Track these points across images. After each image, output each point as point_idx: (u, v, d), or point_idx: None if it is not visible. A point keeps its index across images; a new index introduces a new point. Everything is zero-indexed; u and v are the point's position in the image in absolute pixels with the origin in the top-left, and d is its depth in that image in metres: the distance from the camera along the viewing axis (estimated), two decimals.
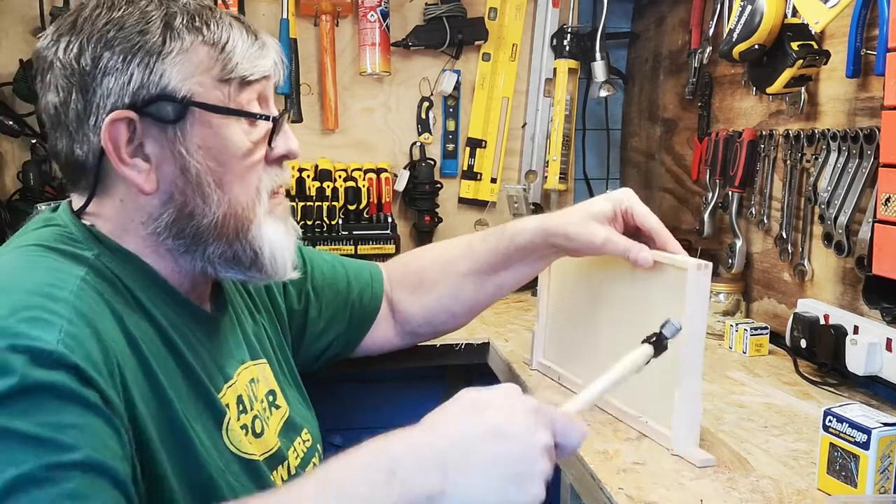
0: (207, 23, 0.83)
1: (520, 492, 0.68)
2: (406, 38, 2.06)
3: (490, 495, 0.68)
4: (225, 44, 0.83)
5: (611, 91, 2.12)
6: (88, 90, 0.81)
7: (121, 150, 0.81)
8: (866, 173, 1.23)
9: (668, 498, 0.90)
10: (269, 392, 1.00)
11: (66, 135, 0.84)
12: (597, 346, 1.17)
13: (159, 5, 0.83)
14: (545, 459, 0.70)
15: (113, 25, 0.81)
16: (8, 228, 1.88)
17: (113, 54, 0.80)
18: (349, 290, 1.21)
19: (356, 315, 1.21)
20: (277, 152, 0.90)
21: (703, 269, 0.97)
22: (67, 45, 0.81)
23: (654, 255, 1.04)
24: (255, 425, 0.93)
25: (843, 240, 1.27)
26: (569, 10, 2.11)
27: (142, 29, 0.81)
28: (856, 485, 0.88)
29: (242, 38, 0.85)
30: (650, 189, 2.15)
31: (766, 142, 1.52)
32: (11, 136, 1.96)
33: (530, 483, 0.68)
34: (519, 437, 0.69)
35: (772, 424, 1.12)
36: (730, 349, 1.48)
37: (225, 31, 0.84)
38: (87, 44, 0.80)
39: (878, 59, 1.16)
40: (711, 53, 1.76)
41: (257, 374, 0.99)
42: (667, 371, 1.00)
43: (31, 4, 1.93)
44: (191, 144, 0.83)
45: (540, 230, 1.11)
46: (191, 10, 0.84)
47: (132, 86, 0.80)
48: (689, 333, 0.97)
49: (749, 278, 1.61)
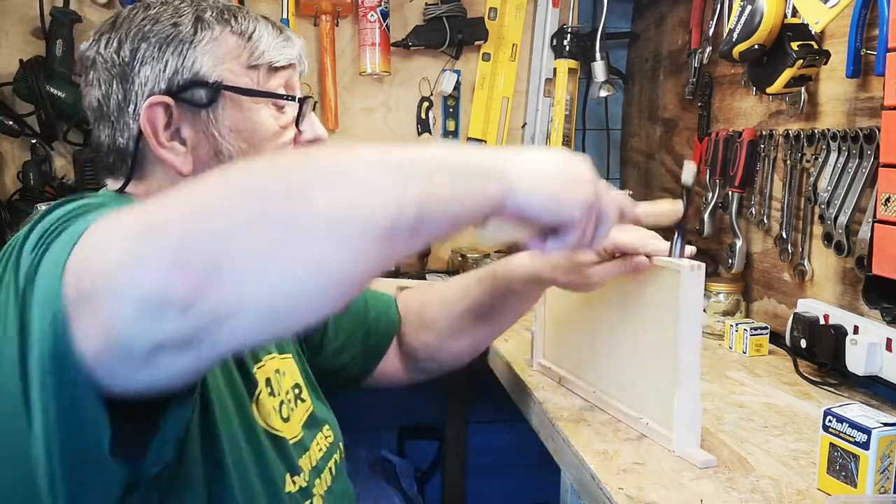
0: (235, 16, 0.90)
1: (576, 184, 0.77)
2: (406, 38, 2.06)
3: (552, 177, 0.75)
4: (252, 33, 0.90)
5: (611, 91, 2.12)
6: (127, 80, 0.87)
7: (159, 134, 0.87)
8: (866, 173, 1.23)
9: (668, 498, 0.90)
10: (295, 385, 1.02)
11: (108, 125, 0.90)
12: (595, 347, 1.17)
13: (191, 3, 0.90)
14: (591, 186, 0.78)
15: (149, 20, 0.88)
16: (8, 228, 1.88)
17: (149, 45, 0.87)
18: (367, 311, 1.22)
19: (372, 338, 1.22)
20: (305, 137, 0.95)
21: (696, 269, 0.97)
22: (108, 42, 0.88)
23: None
24: (283, 410, 0.96)
25: (843, 240, 1.27)
26: (569, 10, 2.11)
27: (175, 21, 0.87)
28: (856, 485, 0.88)
29: (268, 30, 0.91)
30: (650, 189, 2.15)
31: (766, 142, 1.52)
32: (11, 136, 1.96)
33: (585, 184, 0.78)
34: (572, 157, 0.79)
35: (772, 424, 1.12)
36: (730, 349, 1.48)
37: (251, 23, 0.91)
38: (126, 38, 0.87)
39: (878, 59, 1.16)
40: (711, 53, 1.76)
41: (283, 366, 1.01)
42: (666, 372, 1.00)
43: (31, 4, 1.94)
44: (223, 127, 0.88)
45: (534, 278, 1.12)
46: (219, 6, 0.91)
47: (167, 72, 0.86)
48: (685, 334, 0.97)
49: (749, 278, 1.61)
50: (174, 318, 0.55)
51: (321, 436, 1.03)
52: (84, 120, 1.93)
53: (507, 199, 0.71)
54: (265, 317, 0.57)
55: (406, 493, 2.10)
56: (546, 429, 1.15)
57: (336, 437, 1.07)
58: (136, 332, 0.56)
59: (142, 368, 0.58)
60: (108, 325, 0.57)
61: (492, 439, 2.28)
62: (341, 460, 1.07)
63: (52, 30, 1.91)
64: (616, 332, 1.12)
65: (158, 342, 0.56)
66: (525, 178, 0.72)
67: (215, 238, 0.55)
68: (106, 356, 0.59)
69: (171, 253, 0.54)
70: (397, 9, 2.07)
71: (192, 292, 0.54)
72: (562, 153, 0.79)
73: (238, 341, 0.59)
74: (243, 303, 0.55)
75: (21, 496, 0.68)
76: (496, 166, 0.71)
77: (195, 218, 0.56)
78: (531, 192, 0.72)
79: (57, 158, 2.02)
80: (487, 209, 0.70)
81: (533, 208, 0.73)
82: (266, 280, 0.55)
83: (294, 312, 0.58)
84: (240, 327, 0.56)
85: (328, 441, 1.04)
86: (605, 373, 1.15)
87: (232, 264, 0.54)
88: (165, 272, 0.54)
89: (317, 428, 1.03)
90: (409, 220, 0.60)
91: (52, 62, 1.91)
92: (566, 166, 0.77)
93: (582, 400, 1.19)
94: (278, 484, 0.90)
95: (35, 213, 0.81)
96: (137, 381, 0.60)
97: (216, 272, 0.54)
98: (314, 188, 0.57)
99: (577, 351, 1.22)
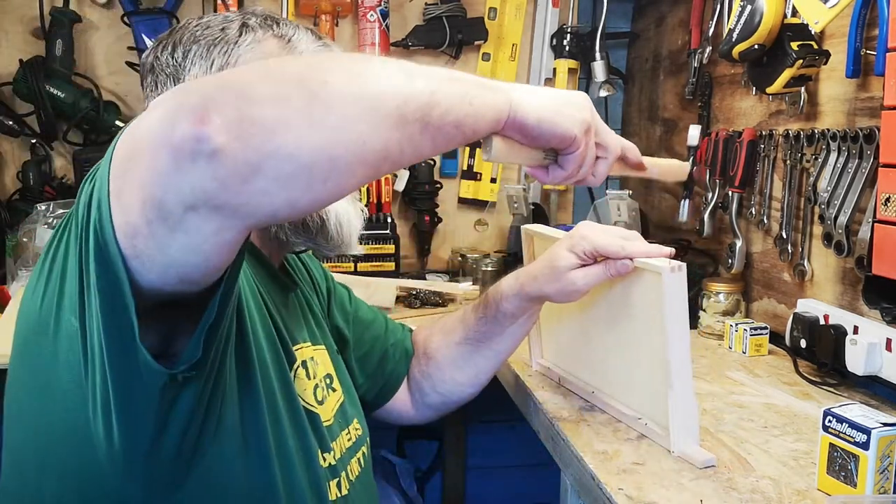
0: (277, 22, 0.97)
1: (575, 107, 0.82)
2: (406, 37, 2.06)
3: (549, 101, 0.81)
4: (291, 37, 0.96)
5: (611, 91, 2.12)
6: (180, 79, 0.94)
7: None
8: (866, 173, 1.23)
9: (668, 498, 0.90)
10: (327, 375, 1.05)
11: None
12: (591, 348, 1.17)
13: (239, 13, 0.99)
14: (588, 111, 0.83)
15: (201, 27, 0.96)
16: (8, 228, 1.88)
17: (199, 47, 0.94)
18: (386, 337, 1.25)
19: (389, 363, 1.23)
20: None
21: (677, 270, 0.97)
22: (164, 48, 0.96)
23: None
24: (317, 393, 0.99)
25: (843, 240, 1.27)
26: (569, 9, 2.11)
27: (223, 27, 0.95)
28: (855, 485, 0.88)
29: (308, 36, 0.97)
30: (650, 189, 2.15)
31: (766, 142, 1.52)
32: (11, 136, 1.96)
33: (581, 108, 0.83)
34: (571, 91, 0.85)
35: (772, 424, 1.12)
36: (729, 349, 1.48)
37: (292, 29, 0.97)
38: (179, 42, 0.95)
39: (878, 59, 1.16)
40: (711, 53, 1.76)
41: (316, 356, 1.04)
42: (659, 372, 1.00)
43: (31, 4, 1.94)
44: None
45: (522, 295, 1.13)
46: (264, 14, 0.99)
47: (213, 69, 0.93)
48: (672, 334, 0.97)
49: (749, 278, 1.61)
50: (204, 167, 0.59)
51: (351, 427, 1.05)
52: (84, 120, 1.94)
53: (511, 111, 0.77)
54: (287, 179, 0.60)
55: (406, 493, 2.10)
56: (546, 429, 1.15)
57: (364, 431, 1.09)
58: (170, 184, 0.60)
59: (176, 230, 0.62)
60: (143, 180, 0.62)
61: (492, 439, 2.28)
62: (369, 455, 1.08)
63: (52, 30, 1.92)
64: (609, 334, 1.12)
65: (190, 199, 0.60)
66: (526, 96, 0.79)
67: (244, 99, 0.60)
68: (143, 223, 0.63)
69: (204, 106, 0.59)
70: (397, 9, 2.07)
71: (220, 140, 0.58)
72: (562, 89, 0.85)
73: (262, 206, 0.62)
74: (266, 160, 0.59)
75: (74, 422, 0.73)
76: (501, 85, 0.78)
77: (226, 84, 0.62)
78: (531, 108, 0.78)
79: (57, 158, 2.02)
80: (492, 118, 0.75)
81: (532, 121, 0.78)
82: (289, 139, 0.60)
83: (313, 179, 0.62)
84: (263, 189, 0.60)
85: (356, 434, 1.06)
86: (602, 373, 1.15)
87: (257, 121, 0.59)
88: (197, 121, 0.58)
89: (346, 420, 1.05)
90: (419, 106, 0.66)
91: (51, 62, 1.91)
92: (566, 95, 0.84)
93: (582, 400, 1.19)
94: (313, 454, 0.92)
95: (33, 214, 0.82)
96: (172, 252, 0.64)
97: (242, 126, 0.59)
98: (331, 70, 0.64)
99: (575, 351, 1.22)
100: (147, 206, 0.62)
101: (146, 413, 0.72)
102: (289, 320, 1.00)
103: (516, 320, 1.16)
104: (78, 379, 0.72)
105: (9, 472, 0.82)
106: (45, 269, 0.77)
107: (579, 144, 0.82)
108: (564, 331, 1.24)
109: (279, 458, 0.86)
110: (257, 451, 0.84)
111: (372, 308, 1.29)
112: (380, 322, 1.26)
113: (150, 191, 0.61)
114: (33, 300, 0.77)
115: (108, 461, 0.73)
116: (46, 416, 0.76)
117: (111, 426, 0.71)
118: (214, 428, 0.79)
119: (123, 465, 0.73)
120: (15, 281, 1.71)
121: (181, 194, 0.60)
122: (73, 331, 0.72)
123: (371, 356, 1.22)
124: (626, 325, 1.08)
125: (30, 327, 0.78)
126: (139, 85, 1.26)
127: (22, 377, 0.79)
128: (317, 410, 0.97)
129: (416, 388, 1.24)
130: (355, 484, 1.00)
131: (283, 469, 0.86)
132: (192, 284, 0.68)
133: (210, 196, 0.60)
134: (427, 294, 1.81)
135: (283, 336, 0.97)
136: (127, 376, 0.70)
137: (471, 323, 1.19)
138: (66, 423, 0.74)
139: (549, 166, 0.85)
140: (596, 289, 1.08)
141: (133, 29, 1.94)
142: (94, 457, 0.73)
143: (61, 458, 0.75)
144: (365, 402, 1.18)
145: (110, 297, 0.67)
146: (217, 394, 0.79)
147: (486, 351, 1.19)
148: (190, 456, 0.77)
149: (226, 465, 0.80)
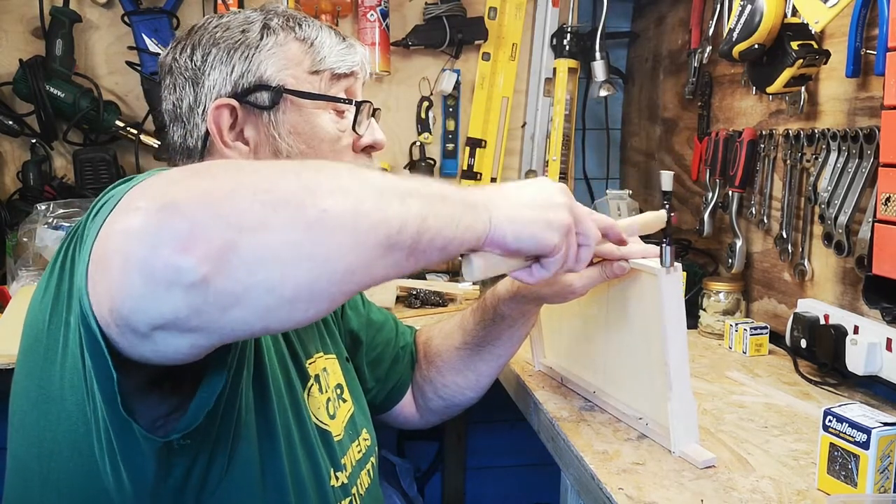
0: (300, 24, 0.95)
1: (550, 209, 0.80)
2: (406, 37, 2.06)
3: (528, 208, 0.79)
4: (314, 40, 0.94)
5: (611, 91, 2.12)
6: (199, 83, 0.93)
7: (223, 134, 0.92)
8: (866, 173, 1.23)
9: (668, 498, 0.90)
10: (338, 385, 1.05)
11: (180, 127, 0.96)
12: (591, 348, 1.17)
13: (261, 11, 0.96)
14: (566, 210, 0.81)
15: (220, 28, 0.94)
16: (8, 228, 1.88)
17: (219, 50, 0.93)
18: (397, 340, 1.24)
19: (399, 368, 1.23)
20: (364, 141, 0.99)
21: (672, 271, 0.97)
22: (183, 49, 0.95)
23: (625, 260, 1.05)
24: (329, 407, 0.99)
25: (843, 240, 1.27)
26: (569, 9, 2.11)
27: (244, 28, 0.93)
28: (856, 484, 0.88)
29: (331, 38, 0.96)
30: (650, 189, 2.15)
31: (766, 141, 1.52)
32: (11, 136, 1.96)
33: (559, 209, 0.81)
34: (547, 186, 0.83)
35: (772, 424, 1.12)
36: (730, 349, 1.48)
37: (315, 30, 0.95)
38: (198, 44, 0.94)
39: (878, 58, 1.16)
40: (711, 53, 1.76)
41: (328, 365, 1.04)
42: (657, 372, 1.00)
43: (31, 4, 1.94)
44: (283, 129, 0.93)
45: (519, 298, 1.12)
46: (287, 14, 0.96)
47: (234, 76, 0.92)
48: (670, 334, 0.97)
49: (749, 278, 1.61)
50: (179, 296, 0.55)
51: (361, 438, 1.05)
52: (83, 120, 1.94)
53: (491, 230, 0.75)
54: (266, 311, 0.58)
55: (406, 493, 2.10)
56: (546, 429, 1.15)
57: (373, 440, 1.08)
58: (138, 308, 0.57)
59: (143, 342, 0.60)
60: (111, 291, 0.58)
61: (492, 439, 2.28)
62: (377, 464, 1.08)
63: (52, 29, 1.91)
64: (609, 334, 1.12)
65: (159, 322, 0.57)
66: (504, 210, 0.77)
67: (234, 228, 0.55)
68: (111, 323, 0.60)
69: (190, 234, 0.55)
70: (397, 8, 2.07)
71: (203, 272, 0.54)
72: (538, 183, 0.83)
73: (236, 332, 0.60)
74: (247, 292, 0.56)
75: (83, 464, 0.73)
76: (481, 200, 0.76)
77: (216, 204, 0.56)
78: (510, 226, 0.76)
79: (56, 158, 2.02)
80: (472, 238, 0.74)
81: (511, 239, 0.77)
82: (274, 274, 0.56)
83: (294, 310, 0.59)
84: (240, 318, 0.57)
85: (365, 444, 1.06)
86: (603, 373, 1.15)
87: (243, 253, 0.55)
88: (181, 250, 0.54)
89: (356, 431, 1.05)
90: (410, 234, 0.64)
91: (51, 62, 1.91)
92: (547, 197, 0.81)
93: (582, 400, 1.19)
94: (324, 477, 0.92)
95: (33, 214, 0.83)
96: (142, 352, 0.62)
97: (227, 256, 0.55)
98: (332, 194, 0.60)
99: (576, 351, 1.22)
100: (114, 315, 0.59)
101: (147, 460, 0.71)
102: (301, 331, 1.00)
103: (514, 323, 1.16)
104: (81, 403, 0.71)
105: (13, 479, 0.81)
106: (54, 281, 0.75)
107: (560, 248, 0.81)
108: (565, 331, 1.24)
109: (294, 485, 0.86)
110: (273, 479, 0.84)
111: (381, 309, 1.28)
112: (390, 324, 1.26)
113: (117, 304, 0.58)
114: (41, 310, 0.76)
115: (118, 494, 0.72)
116: (51, 431, 0.75)
117: (118, 466, 0.71)
118: (227, 462, 0.78)
119: (133, 498, 0.73)
120: (15, 281, 1.70)
121: (148, 317, 0.57)
122: (77, 358, 0.70)
123: (382, 359, 1.22)
124: (624, 326, 1.08)
125: (38, 339, 0.76)
126: (139, 84, 1.27)
127: (27, 387, 0.78)
128: (329, 427, 0.97)
129: (420, 393, 1.24)
130: (365, 498, 1.00)
131: (297, 495, 0.86)
132: (181, 363, 0.66)
133: (181, 321, 0.57)
134: (427, 294, 1.80)
135: (296, 352, 0.96)
136: (123, 430, 0.69)
137: (469, 327, 1.19)
138: (70, 441, 0.74)
139: (532, 266, 0.84)
140: (595, 288, 1.08)
141: (133, 29, 1.94)
142: (100, 481, 0.72)
143: (66, 473, 0.75)
144: (373, 407, 1.18)
145: (98, 360, 0.65)
146: (225, 432, 0.78)
147: (486, 354, 1.18)
148: (198, 491, 0.76)
149: (243, 494, 0.80)
